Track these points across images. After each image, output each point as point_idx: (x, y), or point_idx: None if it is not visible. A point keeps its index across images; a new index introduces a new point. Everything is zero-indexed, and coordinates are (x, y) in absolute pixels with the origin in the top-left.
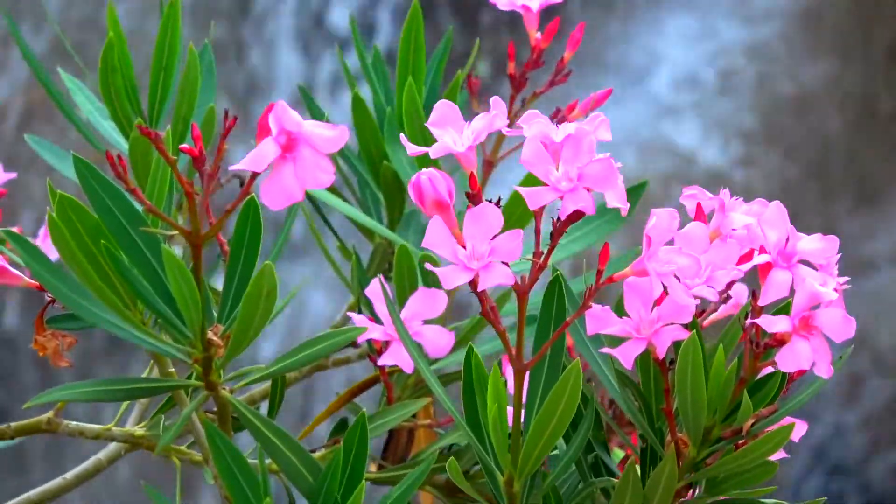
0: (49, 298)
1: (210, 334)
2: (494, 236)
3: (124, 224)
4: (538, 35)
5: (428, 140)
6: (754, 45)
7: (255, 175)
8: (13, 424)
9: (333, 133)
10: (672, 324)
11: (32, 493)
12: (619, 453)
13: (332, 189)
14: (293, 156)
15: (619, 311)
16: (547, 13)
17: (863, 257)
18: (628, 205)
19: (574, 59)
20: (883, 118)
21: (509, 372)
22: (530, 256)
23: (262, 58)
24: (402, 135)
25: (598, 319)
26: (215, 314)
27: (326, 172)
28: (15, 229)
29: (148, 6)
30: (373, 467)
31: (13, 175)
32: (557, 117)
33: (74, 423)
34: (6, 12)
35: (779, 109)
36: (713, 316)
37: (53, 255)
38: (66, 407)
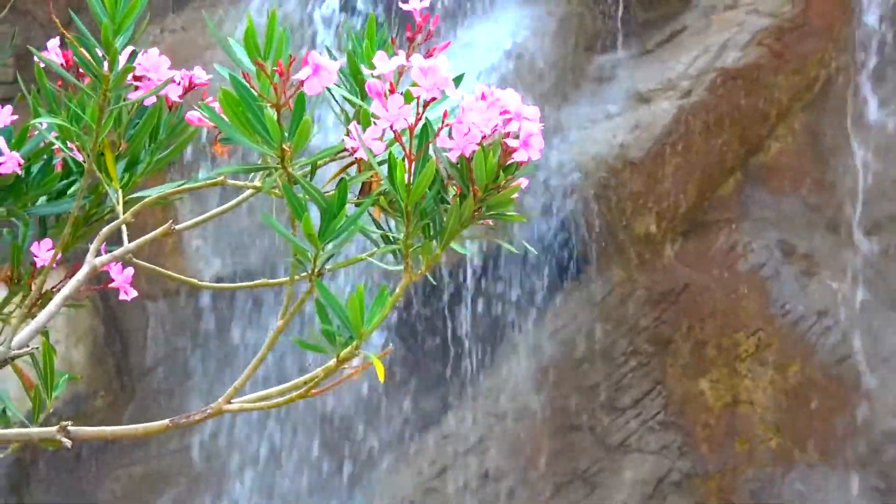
0: (218, 132)
1: (284, 146)
2: (401, 107)
3: (249, 101)
4: (419, 18)
5: (374, 67)
6: None
7: (302, 81)
8: (198, 182)
9: (337, 64)
10: (472, 143)
11: (211, 212)
12: (452, 189)
13: (336, 85)
14: (318, 73)
15: (450, 136)
16: (425, 9)
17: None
18: (459, 94)
19: (435, 31)
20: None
21: (407, 161)
22: (414, 114)
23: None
24: (362, 66)
25: (441, 140)
26: (287, 136)
27: (332, 80)
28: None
29: (262, 7)
30: (353, 199)
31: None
32: (427, 56)
33: (231, 181)
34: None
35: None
36: (489, 139)
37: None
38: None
